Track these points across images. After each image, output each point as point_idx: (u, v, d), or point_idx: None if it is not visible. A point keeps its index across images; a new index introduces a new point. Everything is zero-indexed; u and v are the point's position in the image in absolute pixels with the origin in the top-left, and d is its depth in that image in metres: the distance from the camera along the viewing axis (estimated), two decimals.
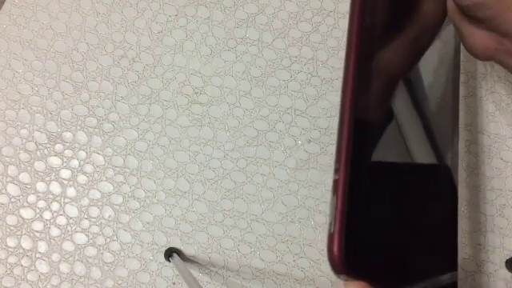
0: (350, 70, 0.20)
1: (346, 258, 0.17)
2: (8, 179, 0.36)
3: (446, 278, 0.25)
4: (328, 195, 0.35)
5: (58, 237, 0.35)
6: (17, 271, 0.34)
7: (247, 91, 0.37)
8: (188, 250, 0.34)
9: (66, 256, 0.34)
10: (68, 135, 0.37)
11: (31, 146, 0.36)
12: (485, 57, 0.25)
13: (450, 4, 0.26)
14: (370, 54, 0.21)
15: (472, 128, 0.35)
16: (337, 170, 0.18)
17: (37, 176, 0.36)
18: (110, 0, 0.39)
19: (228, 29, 0.39)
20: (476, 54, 0.26)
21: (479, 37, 0.25)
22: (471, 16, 0.24)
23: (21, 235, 0.35)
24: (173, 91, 0.37)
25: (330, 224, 0.18)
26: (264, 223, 0.35)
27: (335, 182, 0.18)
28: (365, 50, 0.20)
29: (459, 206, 0.33)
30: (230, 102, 0.37)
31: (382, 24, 0.24)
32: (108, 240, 0.35)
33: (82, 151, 0.36)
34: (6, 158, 0.36)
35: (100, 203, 0.35)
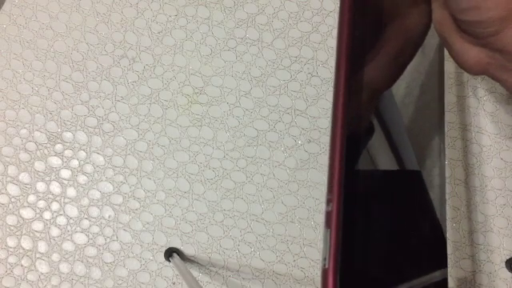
0: (340, 94, 0.19)
1: None
2: (8, 179, 0.36)
3: (436, 275, 0.25)
4: None
5: (58, 237, 0.35)
6: (17, 271, 0.34)
7: (247, 91, 0.37)
8: (188, 250, 0.34)
9: (66, 256, 0.34)
10: (68, 135, 0.37)
11: (31, 146, 0.36)
12: (476, 71, 0.25)
13: (438, 17, 0.25)
14: (355, 70, 0.21)
15: (472, 128, 0.35)
16: (329, 201, 0.18)
17: (37, 176, 0.36)
18: (110, 0, 0.39)
19: (228, 29, 0.39)
20: (468, 69, 0.25)
21: (471, 51, 0.24)
22: (467, 31, 0.24)
23: (21, 235, 0.35)
24: (173, 91, 0.37)
25: (324, 259, 0.17)
26: (264, 223, 0.35)
27: (328, 215, 0.18)
28: (352, 67, 0.20)
29: (459, 205, 0.33)
30: (230, 102, 0.37)
31: (364, 39, 0.24)
32: (108, 240, 0.35)
33: (81, 151, 0.36)
34: (6, 158, 0.36)
35: (100, 203, 0.35)
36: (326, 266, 0.17)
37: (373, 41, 0.25)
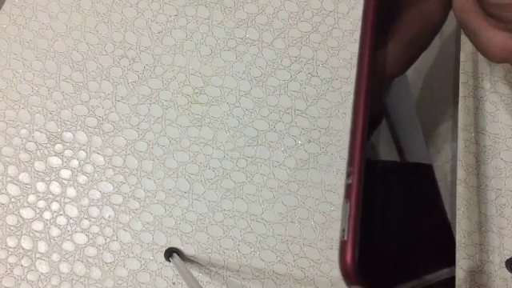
0: (363, 74, 0.19)
1: (359, 267, 0.16)
2: (8, 179, 0.36)
3: (445, 272, 0.25)
4: (328, 195, 0.35)
5: (58, 237, 0.35)
6: (17, 271, 0.34)
7: (247, 91, 0.37)
8: (188, 250, 0.34)
9: (66, 256, 0.34)
10: (68, 135, 0.37)
11: (31, 146, 0.36)
12: (501, 59, 0.24)
13: (459, 2, 0.25)
14: (375, 53, 0.21)
15: (472, 128, 0.35)
16: (349, 174, 0.18)
17: (37, 176, 0.36)
18: (109, 0, 0.39)
19: (228, 29, 0.39)
20: (492, 56, 0.24)
21: (497, 37, 0.23)
22: (494, 15, 0.23)
23: (21, 235, 0.35)
24: (173, 91, 0.37)
25: (343, 231, 0.17)
26: (264, 223, 0.35)
27: (348, 187, 0.17)
28: (374, 51, 0.20)
29: (459, 205, 0.33)
30: (230, 102, 0.37)
31: (382, 23, 0.24)
32: (108, 240, 0.35)
33: (81, 151, 0.36)
34: (6, 158, 0.36)
35: (100, 203, 0.35)
36: (345, 238, 0.17)
37: (389, 25, 0.25)
